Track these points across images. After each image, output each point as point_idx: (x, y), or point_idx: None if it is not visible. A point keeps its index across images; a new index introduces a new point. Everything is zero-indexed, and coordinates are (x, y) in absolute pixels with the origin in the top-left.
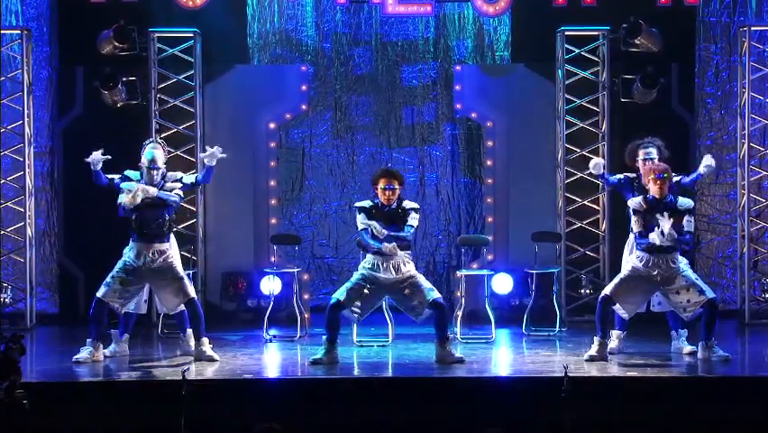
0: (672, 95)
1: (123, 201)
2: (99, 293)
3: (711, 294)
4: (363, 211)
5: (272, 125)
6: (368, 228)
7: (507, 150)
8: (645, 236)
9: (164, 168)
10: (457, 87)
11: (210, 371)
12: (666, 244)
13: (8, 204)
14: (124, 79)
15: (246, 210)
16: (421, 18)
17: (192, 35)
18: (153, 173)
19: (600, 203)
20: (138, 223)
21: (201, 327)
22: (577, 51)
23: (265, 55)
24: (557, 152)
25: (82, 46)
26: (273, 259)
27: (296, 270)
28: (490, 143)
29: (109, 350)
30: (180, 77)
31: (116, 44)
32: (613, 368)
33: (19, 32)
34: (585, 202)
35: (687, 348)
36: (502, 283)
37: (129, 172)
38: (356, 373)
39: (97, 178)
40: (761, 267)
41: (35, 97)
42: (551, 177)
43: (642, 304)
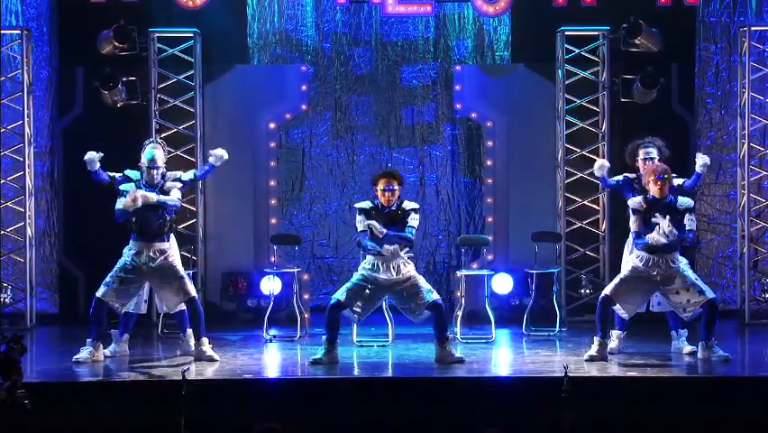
0: (672, 95)
1: (124, 204)
2: (99, 293)
3: (711, 294)
4: (363, 212)
5: (272, 125)
6: (367, 231)
7: (507, 150)
8: (643, 236)
9: (164, 167)
10: (457, 87)
11: (210, 371)
12: (668, 242)
13: (8, 204)
14: (124, 79)
15: (246, 210)
16: (421, 18)
17: (192, 35)
18: (153, 173)
19: (600, 203)
20: (138, 223)
21: (201, 327)
22: (577, 51)
23: (265, 55)
24: (557, 152)
25: (82, 46)
26: (273, 259)
27: (296, 270)
28: (490, 143)
29: (109, 350)
30: (180, 77)
31: (116, 44)
32: (613, 368)
33: (19, 32)
34: (585, 202)
35: (687, 348)
36: (502, 283)
37: (129, 172)
38: (356, 373)
39: (97, 176)
40: (761, 267)
41: (35, 97)
42: (551, 177)
43: (642, 304)
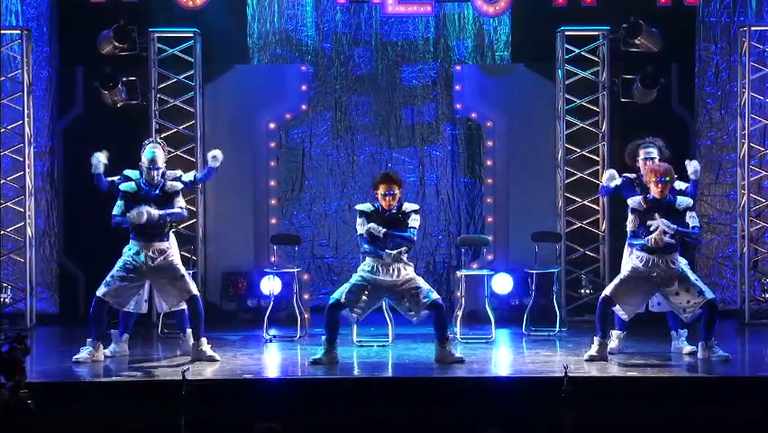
0: (672, 95)
1: (130, 218)
2: (99, 292)
3: (711, 295)
4: (363, 215)
5: (272, 125)
6: (365, 235)
7: (507, 150)
8: (640, 236)
9: (164, 168)
10: (457, 87)
11: (210, 371)
12: (671, 239)
13: (8, 204)
14: (124, 79)
15: (246, 210)
16: (421, 18)
17: (192, 35)
18: (153, 174)
19: (600, 203)
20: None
21: (201, 326)
22: (577, 51)
23: (265, 55)
24: (557, 152)
25: (82, 46)
26: (273, 259)
27: (296, 270)
28: (490, 143)
29: (109, 350)
30: (180, 77)
31: (116, 44)
32: (613, 368)
33: (19, 32)
34: (585, 202)
35: (687, 348)
36: (502, 283)
37: (128, 172)
38: (356, 373)
39: (99, 182)
40: (761, 267)
41: (35, 97)
42: (551, 177)
43: (641, 305)
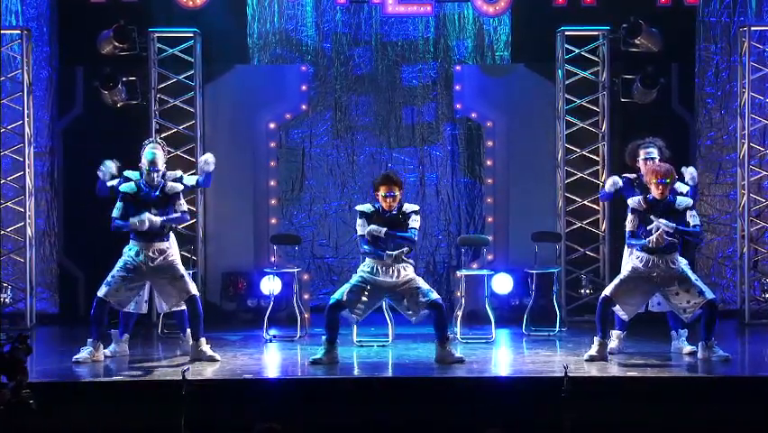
0: (672, 95)
1: (131, 225)
2: (100, 292)
3: (711, 295)
4: (364, 216)
5: (272, 125)
6: (366, 236)
7: (507, 150)
8: (640, 237)
9: (164, 169)
10: (457, 87)
11: (210, 371)
12: (672, 238)
13: (8, 204)
14: (124, 79)
15: (246, 210)
16: (421, 18)
17: (192, 35)
18: (153, 175)
19: (600, 203)
20: None
21: (200, 327)
22: (577, 51)
23: (265, 55)
24: (557, 152)
25: (82, 46)
26: (273, 259)
27: (296, 270)
28: (490, 143)
29: (109, 350)
30: (180, 77)
31: (116, 44)
32: (613, 368)
33: (19, 32)
34: (585, 202)
35: (687, 348)
36: (502, 283)
37: (128, 173)
38: (356, 373)
39: (100, 187)
40: (761, 267)
41: (35, 97)
42: (551, 177)
43: (641, 305)
